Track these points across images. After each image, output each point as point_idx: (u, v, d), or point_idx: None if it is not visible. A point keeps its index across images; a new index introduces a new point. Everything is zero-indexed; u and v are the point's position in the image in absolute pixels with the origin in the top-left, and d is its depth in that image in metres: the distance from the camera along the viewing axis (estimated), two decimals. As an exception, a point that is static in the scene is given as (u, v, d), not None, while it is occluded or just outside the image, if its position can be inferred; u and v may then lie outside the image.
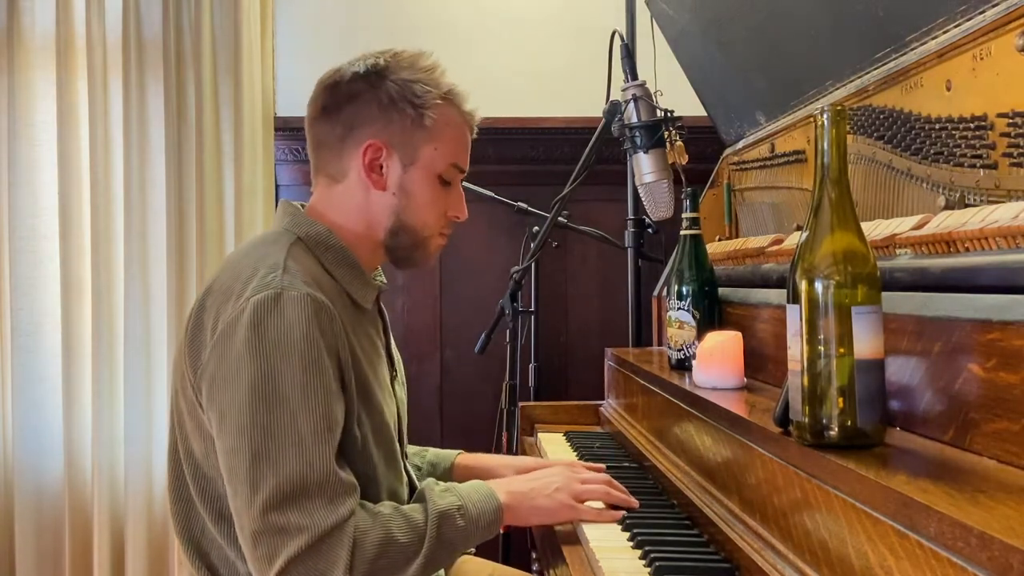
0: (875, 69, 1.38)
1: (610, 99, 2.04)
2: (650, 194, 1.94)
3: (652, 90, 1.96)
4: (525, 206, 2.31)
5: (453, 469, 1.54)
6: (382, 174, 1.28)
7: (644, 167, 1.93)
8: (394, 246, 1.31)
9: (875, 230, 1.18)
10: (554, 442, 1.90)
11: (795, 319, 0.93)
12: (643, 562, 1.12)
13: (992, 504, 0.69)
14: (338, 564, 1.07)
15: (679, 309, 1.62)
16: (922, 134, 1.24)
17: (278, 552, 1.07)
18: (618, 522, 1.28)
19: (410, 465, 1.51)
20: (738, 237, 2.01)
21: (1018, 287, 0.87)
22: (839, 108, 0.93)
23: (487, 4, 2.93)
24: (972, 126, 1.12)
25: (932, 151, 1.21)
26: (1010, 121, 1.04)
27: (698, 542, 1.17)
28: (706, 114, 2.18)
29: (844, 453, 0.87)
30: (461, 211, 1.35)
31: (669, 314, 1.66)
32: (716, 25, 1.91)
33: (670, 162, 1.93)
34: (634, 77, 1.99)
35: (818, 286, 0.90)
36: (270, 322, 1.11)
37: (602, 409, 2.08)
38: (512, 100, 2.79)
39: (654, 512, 1.32)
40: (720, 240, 2.03)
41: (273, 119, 2.87)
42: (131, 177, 2.74)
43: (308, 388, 1.11)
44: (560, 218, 2.17)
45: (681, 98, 2.04)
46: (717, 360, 1.40)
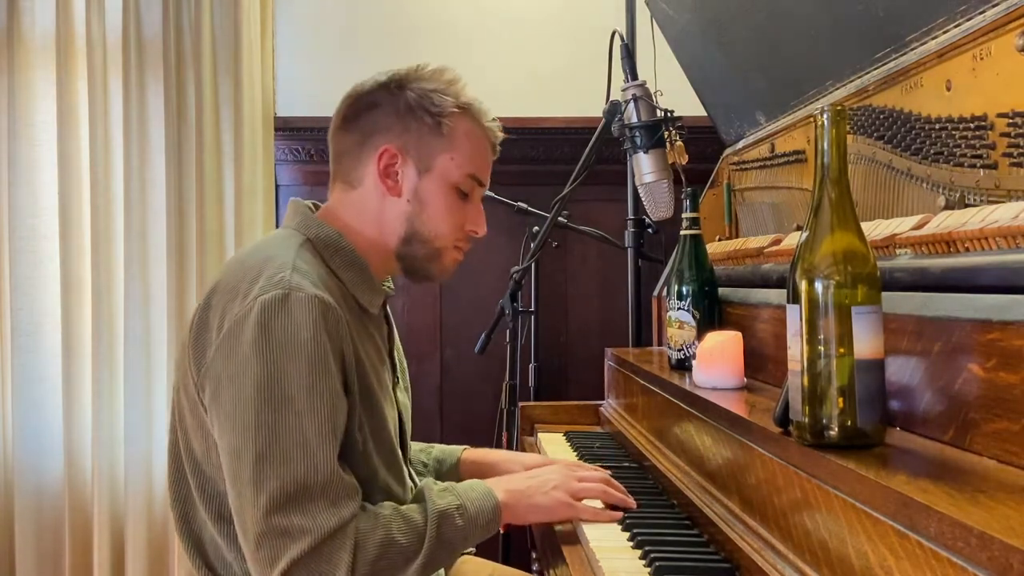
0: (875, 69, 1.38)
1: (610, 99, 2.04)
2: (650, 194, 1.94)
3: (652, 90, 1.96)
4: (525, 206, 2.31)
5: (460, 464, 1.54)
6: (397, 180, 1.28)
7: (644, 167, 1.93)
8: (407, 255, 1.30)
9: (875, 230, 1.18)
10: (554, 442, 1.90)
11: (795, 319, 0.93)
12: (643, 562, 1.12)
13: (992, 504, 0.69)
14: (340, 566, 1.07)
15: (679, 309, 1.62)
16: (922, 134, 1.24)
17: (280, 554, 1.07)
18: (618, 522, 1.28)
19: (416, 461, 1.51)
20: (738, 237, 2.01)
21: (1018, 287, 0.87)
22: (839, 108, 0.92)
23: (487, 4, 2.93)
24: (972, 126, 1.12)
25: (932, 151, 1.21)
26: (1010, 121, 1.04)
27: (698, 542, 1.17)
28: (706, 114, 2.18)
29: (844, 453, 0.87)
30: (479, 226, 1.33)
31: (669, 314, 1.66)
32: (716, 25, 1.91)
33: (670, 162, 1.93)
34: (634, 77, 1.99)
35: (818, 286, 0.90)
36: (278, 322, 1.10)
37: (602, 409, 2.08)
38: (512, 100, 2.78)
39: (654, 512, 1.32)
40: (720, 240, 2.03)
41: (273, 119, 2.87)
42: (131, 177, 2.74)
43: (314, 390, 1.10)
44: (560, 218, 2.17)
45: (681, 98, 2.04)
46: (717, 360, 1.40)
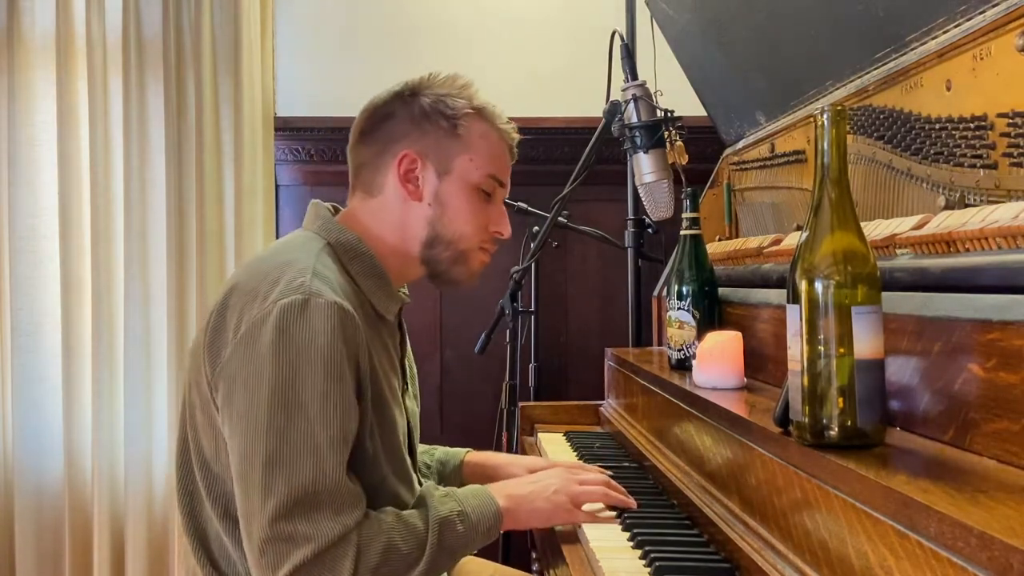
0: (875, 69, 1.38)
1: (610, 99, 2.04)
2: (650, 194, 1.94)
3: (652, 90, 1.96)
4: (525, 206, 2.31)
5: (462, 467, 1.53)
6: (418, 185, 1.28)
7: (644, 167, 1.93)
8: (432, 259, 1.30)
9: (875, 230, 1.18)
10: (554, 442, 1.90)
11: (795, 319, 0.93)
12: (643, 562, 1.12)
13: (992, 504, 0.69)
14: (342, 573, 1.07)
15: (679, 309, 1.62)
16: (922, 134, 1.24)
17: (283, 560, 1.07)
18: (618, 522, 1.28)
19: (419, 463, 1.51)
20: (738, 237, 2.01)
21: (1018, 287, 0.87)
22: (839, 108, 0.92)
23: (487, 4, 2.93)
24: (972, 126, 1.12)
25: (932, 151, 1.21)
26: (1010, 121, 1.04)
27: (698, 542, 1.17)
28: (706, 114, 2.18)
29: (844, 453, 0.87)
30: (503, 227, 1.35)
31: (669, 314, 1.66)
32: (716, 25, 1.91)
33: (670, 162, 1.93)
34: (634, 77, 1.99)
35: (818, 286, 0.90)
36: (296, 327, 1.10)
37: (602, 409, 2.08)
38: (512, 100, 2.74)
39: (654, 512, 1.32)
40: (720, 240, 2.03)
41: (273, 119, 2.87)
42: (131, 177, 2.74)
43: (328, 397, 1.10)
44: (560, 218, 2.17)
45: (681, 98, 2.04)
46: (717, 360, 1.40)
